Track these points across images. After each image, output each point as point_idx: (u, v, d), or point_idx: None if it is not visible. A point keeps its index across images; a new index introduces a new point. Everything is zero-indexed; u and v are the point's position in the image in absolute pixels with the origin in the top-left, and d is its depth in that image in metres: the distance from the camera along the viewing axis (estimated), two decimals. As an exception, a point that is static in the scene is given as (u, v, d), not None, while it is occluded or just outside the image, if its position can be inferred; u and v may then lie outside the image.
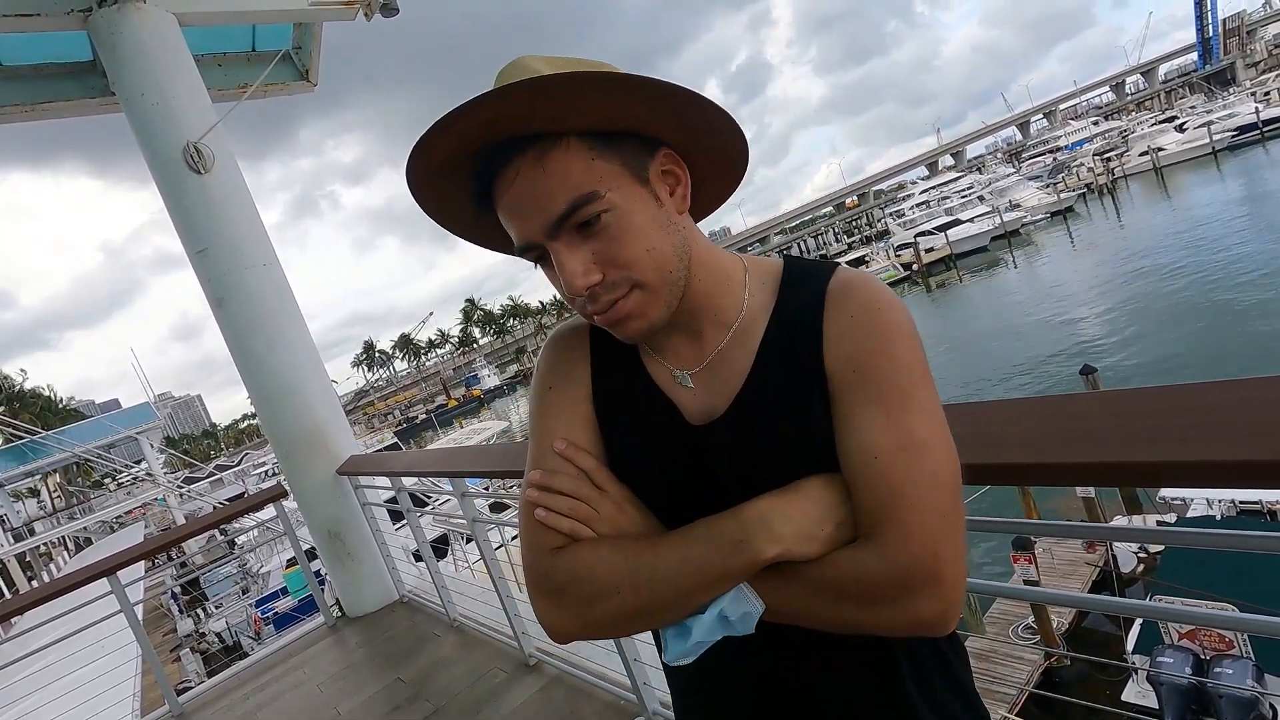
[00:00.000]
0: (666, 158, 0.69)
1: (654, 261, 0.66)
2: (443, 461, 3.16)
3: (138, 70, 3.35)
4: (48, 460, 21.87)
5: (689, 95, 0.64)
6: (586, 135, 0.64)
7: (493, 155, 0.65)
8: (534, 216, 0.64)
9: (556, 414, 0.79)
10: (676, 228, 0.69)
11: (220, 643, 15.34)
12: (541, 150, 0.63)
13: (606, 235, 0.65)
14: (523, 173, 0.63)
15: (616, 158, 0.65)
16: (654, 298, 0.68)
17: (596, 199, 0.63)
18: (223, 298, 3.51)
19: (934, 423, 0.65)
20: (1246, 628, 1.07)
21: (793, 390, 0.69)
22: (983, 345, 22.32)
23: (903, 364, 0.65)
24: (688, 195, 0.71)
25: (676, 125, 0.68)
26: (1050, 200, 43.16)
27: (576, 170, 0.63)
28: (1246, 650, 6.31)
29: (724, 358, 0.73)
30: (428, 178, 0.68)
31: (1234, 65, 75.59)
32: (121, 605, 3.42)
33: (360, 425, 69.74)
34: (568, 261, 0.65)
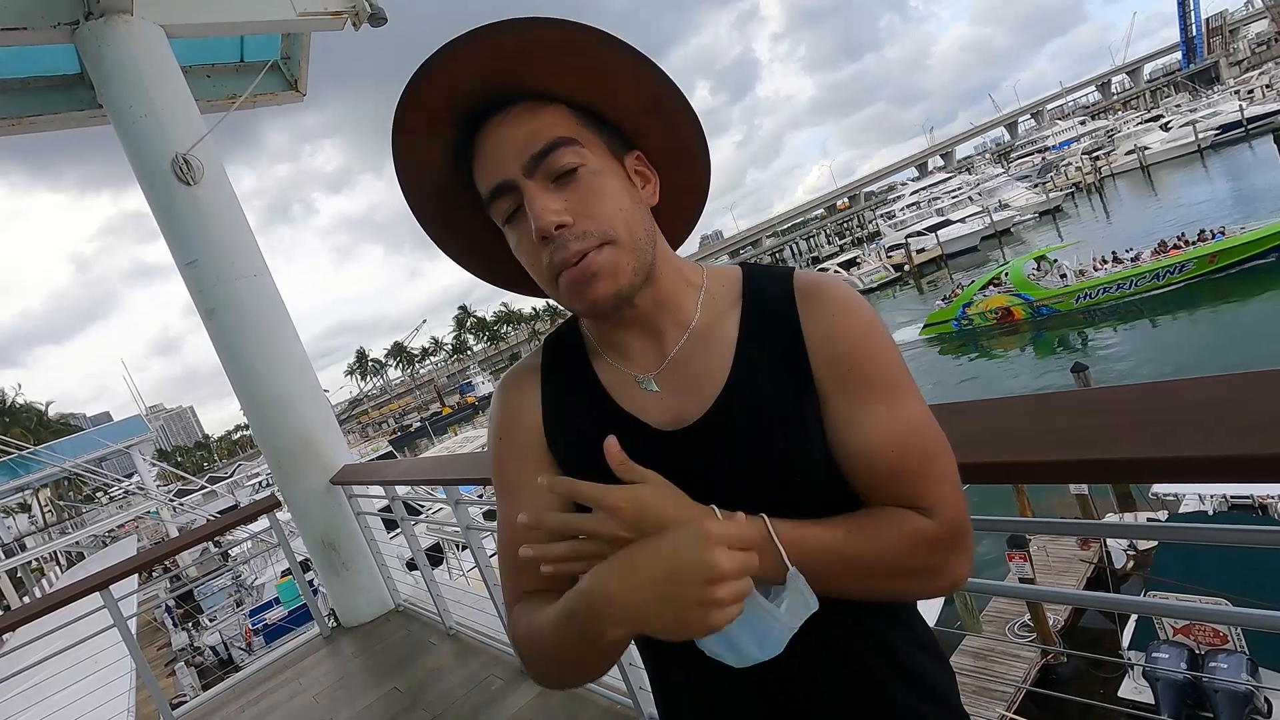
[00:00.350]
0: (639, 160, 0.73)
1: (625, 221, 0.67)
2: (437, 469, 3.15)
3: (125, 82, 3.34)
4: (39, 475, 21.68)
5: (677, 92, 0.69)
6: (575, 107, 0.67)
7: (480, 113, 0.67)
8: (516, 152, 0.65)
9: (508, 469, 0.79)
10: (646, 210, 0.71)
11: (215, 656, 15.22)
12: (533, 103, 0.66)
13: (581, 188, 0.66)
14: (515, 112, 0.66)
15: (599, 133, 0.69)
16: (624, 256, 0.67)
17: (576, 145, 0.66)
18: (213, 308, 3.49)
19: (923, 401, 0.70)
20: (1240, 622, 1.08)
21: (783, 392, 0.69)
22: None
23: (891, 359, 0.69)
24: (656, 193, 0.73)
25: (656, 122, 0.71)
26: (1039, 200, 43.41)
27: (565, 122, 0.66)
28: (1241, 644, 6.35)
29: (689, 358, 0.73)
30: (411, 132, 0.68)
31: (1218, 64, 76.34)
32: (114, 620, 3.40)
33: (355, 434, 69.48)
34: (539, 198, 0.65)
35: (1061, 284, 20.91)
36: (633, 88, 0.68)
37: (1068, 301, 20.62)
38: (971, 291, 22.92)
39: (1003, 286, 22.09)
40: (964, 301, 22.95)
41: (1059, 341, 19.95)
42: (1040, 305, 21.12)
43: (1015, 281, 21.52)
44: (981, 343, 22.23)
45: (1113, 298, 19.95)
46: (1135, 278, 19.57)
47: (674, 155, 0.74)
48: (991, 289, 22.45)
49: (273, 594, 15.02)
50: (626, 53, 0.65)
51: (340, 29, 3.98)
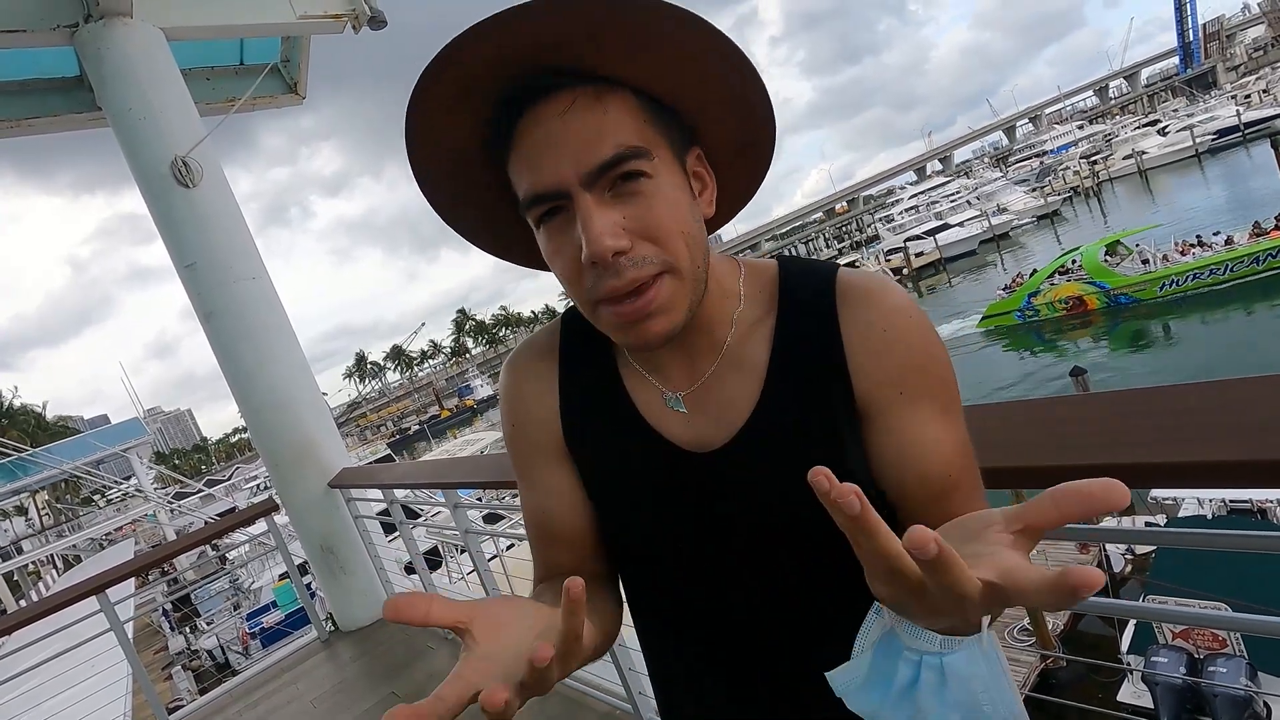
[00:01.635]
0: (698, 159, 0.64)
1: (687, 244, 0.59)
2: (435, 473, 3.14)
3: (124, 85, 3.34)
4: (36, 478, 21.63)
5: (760, 84, 0.60)
6: (641, 95, 0.58)
7: (526, 89, 0.56)
8: (574, 157, 0.55)
9: (523, 459, 0.76)
10: (702, 224, 0.63)
11: (212, 660, 15.17)
12: (599, 90, 0.56)
13: (643, 201, 0.57)
14: (578, 104, 0.55)
15: (664, 130, 0.59)
16: (683, 289, 0.60)
17: (645, 156, 0.56)
18: (212, 311, 3.49)
19: (962, 417, 0.65)
20: (1239, 627, 1.08)
21: (815, 419, 0.64)
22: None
23: (949, 374, 0.64)
24: (713, 202, 0.66)
25: (729, 114, 0.63)
26: (1037, 204, 43.50)
27: (632, 121, 0.57)
28: (1240, 649, 6.34)
29: (719, 380, 0.67)
30: (440, 107, 0.57)
31: (1215, 69, 76.69)
32: (111, 624, 3.38)
33: (353, 437, 69.40)
34: (597, 217, 0.55)
35: (1143, 270, 18.59)
36: (717, 80, 0.59)
37: (1150, 290, 18.36)
38: (1038, 280, 20.73)
39: (1073, 273, 19.93)
40: (1029, 290, 20.66)
41: (1137, 333, 17.96)
42: (1118, 294, 18.90)
43: (1090, 268, 19.32)
44: (1048, 335, 20.00)
45: (1204, 284, 17.76)
46: (1231, 262, 17.42)
47: (739, 153, 0.66)
48: (1058, 277, 20.26)
49: (270, 598, 14.97)
50: (716, 40, 0.56)
51: (340, 32, 3.99)
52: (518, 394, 0.76)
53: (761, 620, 0.69)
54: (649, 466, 0.69)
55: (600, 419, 0.72)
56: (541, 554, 0.77)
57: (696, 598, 0.72)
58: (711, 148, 0.65)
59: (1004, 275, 32.27)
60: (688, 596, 0.72)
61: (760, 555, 0.67)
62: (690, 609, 0.73)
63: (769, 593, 0.68)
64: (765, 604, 0.69)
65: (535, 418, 0.74)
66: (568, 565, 0.75)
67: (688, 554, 0.70)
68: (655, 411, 0.69)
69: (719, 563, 0.69)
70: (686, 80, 0.58)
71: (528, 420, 0.75)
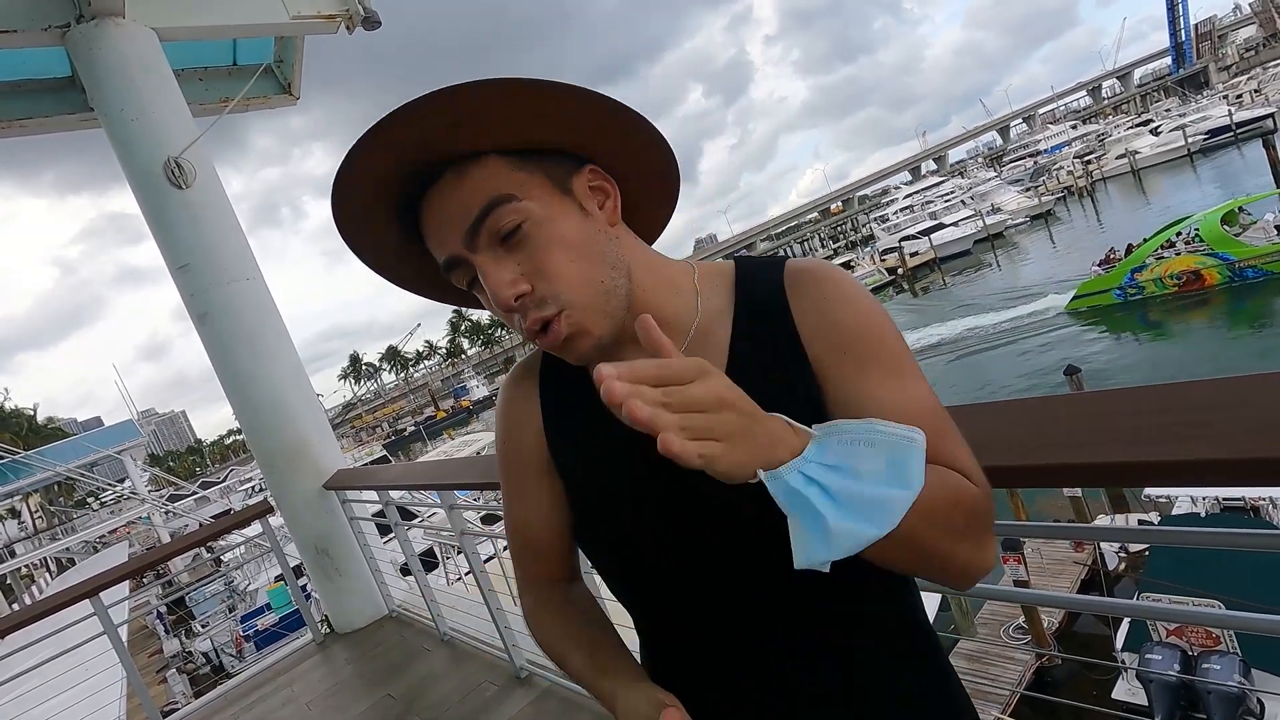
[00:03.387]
0: (593, 173, 0.68)
1: (580, 274, 0.64)
2: (431, 474, 3.14)
3: (117, 86, 3.32)
4: (29, 480, 21.54)
5: (613, 104, 0.64)
6: (507, 153, 0.63)
7: (415, 185, 0.64)
8: (453, 228, 0.63)
9: (511, 473, 0.83)
10: (607, 238, 0.67)
11: (207, 662, 15.11)
12: (459, 169, 0.63)
13: (530, 245, 0.63)
14: (442, 189, 0.63)
15: (539, 170, 0.65)
16: (589, 312, 0.65)
17: (512, 201, 0.62)
18: (205, 313, 3.47)
19: (928, 385, 0.67)
20: (1233, 624, 1.08)
21: (780, 389, 0.66)
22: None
23: (890, 338, 0.67)
24: (618, 209, 0.70)
25: (601, 138, 0.67)
26: (1031, 204, 43.65)
27: (494, 179, 0.63)
28: (1233, 646, 6.37)
29: None
30: (352, 218, 0.66)
31: (1207, 69, 77.03)
32: (104, 627, 3.37)
33: (348, 439, 69.18)
34: (492, 272, 0.63)
35: (1277, 239, 16.27)
36: (558, 121, 0.64)
37: None
38: (1144, 253, 18.31)
39: (1189, 245, 17.59)
40: (1133, 265, 18.33)
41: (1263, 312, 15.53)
42: (1244, 267, 16.47)
43: (1211, 238, 16.88)
44: (1153, 316, 17.65)
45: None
46: None
47: (631, 155, 0.70)
48: (1167, 250, 17.93)
49: (265, 600, 14.92)
50: (547, 89, 0.60)
51: (334, 32, 3.97)
52: (506, 411, 0.83)
53: (751, 609, 0.69)
54: (622, 458, 0.71)
55: (580, 426, 0.76)
56: (521, 563, 0.86)
57: (687, 593, 0.72)
58: (606, 159, 0.69)
59: (999, 275, 32.42)
60: (677, 595, 0.73)
61: (738, 539, 0.68)
62: (680, 605, 0.73)
63: (758, 582, 0.69)
64: (754, 593, 0.69)
65: (521, 436, 0.81)
66: (542, 573, 0.85)
67: (671, 547, 0.71)
68: None
69: (702, 554, 0.70)
70: (531, 132, 0.63)
71: (516, 440, 0.82)
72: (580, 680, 0.75)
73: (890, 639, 0.71)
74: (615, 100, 0.63)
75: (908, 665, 0.72)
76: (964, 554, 0.60)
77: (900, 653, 0.72)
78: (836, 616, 0.69)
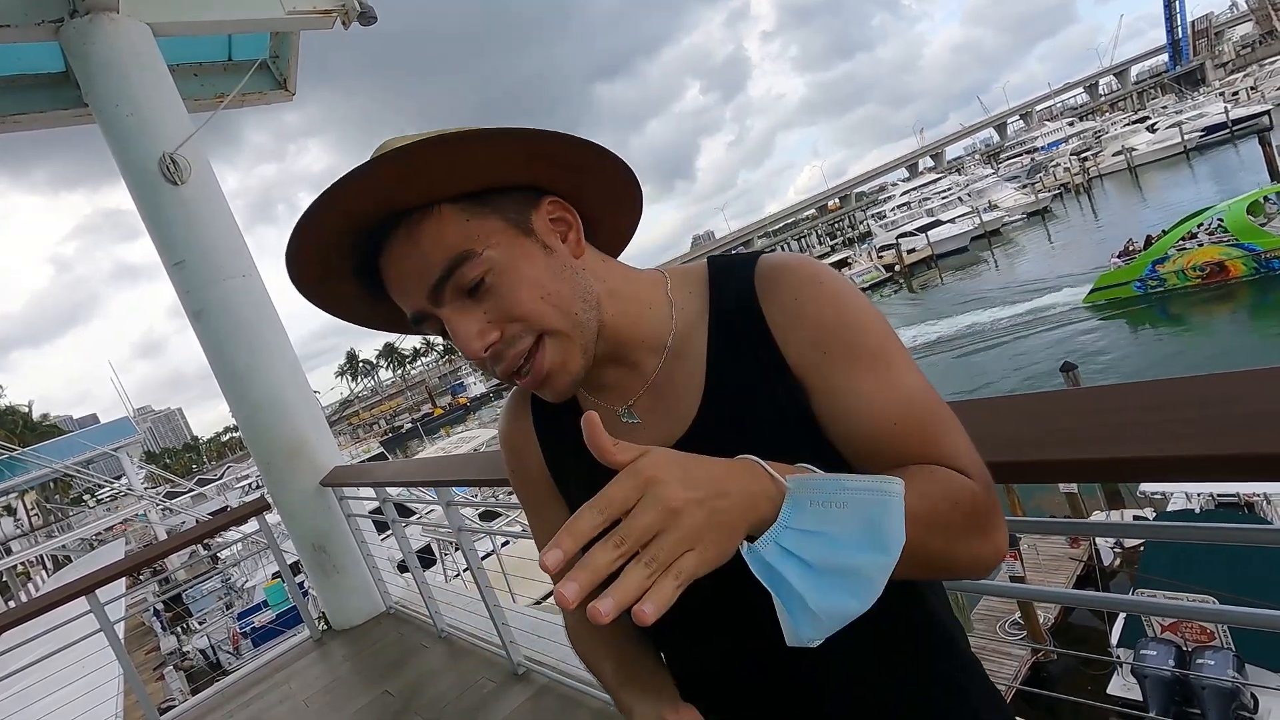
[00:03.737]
0: (552, 205, 0.67)
1: (553, 307, 0.63)
2: (428, 471, 3.13)
3: (111, 81, 3.30)
4: (24, 477, 21.47)
5: (556, 138, 0.62)
6: (459, 200, 0.62)
7: (370, 240, 0.63)
8: (415, 285, 0.62)
9: (525, 493, 0.85)
10: (574, 271, 0.66)
11: (205, 659, 15.10)
12: (411, 224, 0.61)
13: (496, 294, 0.62)
14: (395, 249, 0.62)
15: (494, 215, 0.63)
16: (568, 342, 0.64)
17: (473, 257, 0.61)
18: (201, 309, 3.46)
19: (918, 371, 0.65)
20: (1227, 619, 1.09)
21: (759, 394, 0.66)
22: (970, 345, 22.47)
23: (870, 325, 0.64)
24: (581, 239, 0.68)
25: (549, 172, 0.65)
26: (1028, 200, 43.71)
27: (450, 234, 0.61)
28: (1227, 641, 6.41)
29: (668, 377, 0.70)
30: (311, 278, 0.65)
31: (1203, 66, 77.14)
32: (101, 624, 3.36)
33: (345, 436, 69.13)
34: (459, 326, 0.62)
35: None
36: (503, 163, 0.62)
37: None
38: (1166, 244, 17.86)
39: (1212, 236, 17.20)
40: (1154, 257, 17.87)
41: None
42: (1271, 258, 16.11)
43: (1236, 228, 16.50)
44: (1173, 309, 17.23)
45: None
46: None
47: (586, 178, 0.68)
48: (1188, 242, 17.49)
49: (262, 597, 14.91)
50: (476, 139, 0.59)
51: (330, 27, 3.96)
52: (508, 444, 0.85)
53: (746, 617, 0.69)
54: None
55: (571, 452, 0.75)
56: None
57: (686, 619, 0.72)
58: (563, 192, 0.68)
59: (995, 272, 32.45)
60: (677, 623, 0.73)
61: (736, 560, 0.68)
62: (676, 612, 0.73)
63: (747, 586, 0.68)
64: (744, 597, 0.69)
65: (526, 462, 0.83)
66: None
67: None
68: (617, 429, 0.72)
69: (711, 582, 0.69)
70: (477, 178, 0.62)
71: (522, 467, 0.84)
72: (610, 691, 0.75)
73: (903, 643, 0.71)
74: (552, 132, 0.62)
75: (918, 666, 0.71)
76: (971, 550, 0.59)
77: (909, 654, 0.71)
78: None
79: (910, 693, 0.69)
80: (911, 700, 0.69)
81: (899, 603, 0.70)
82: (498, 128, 0.59)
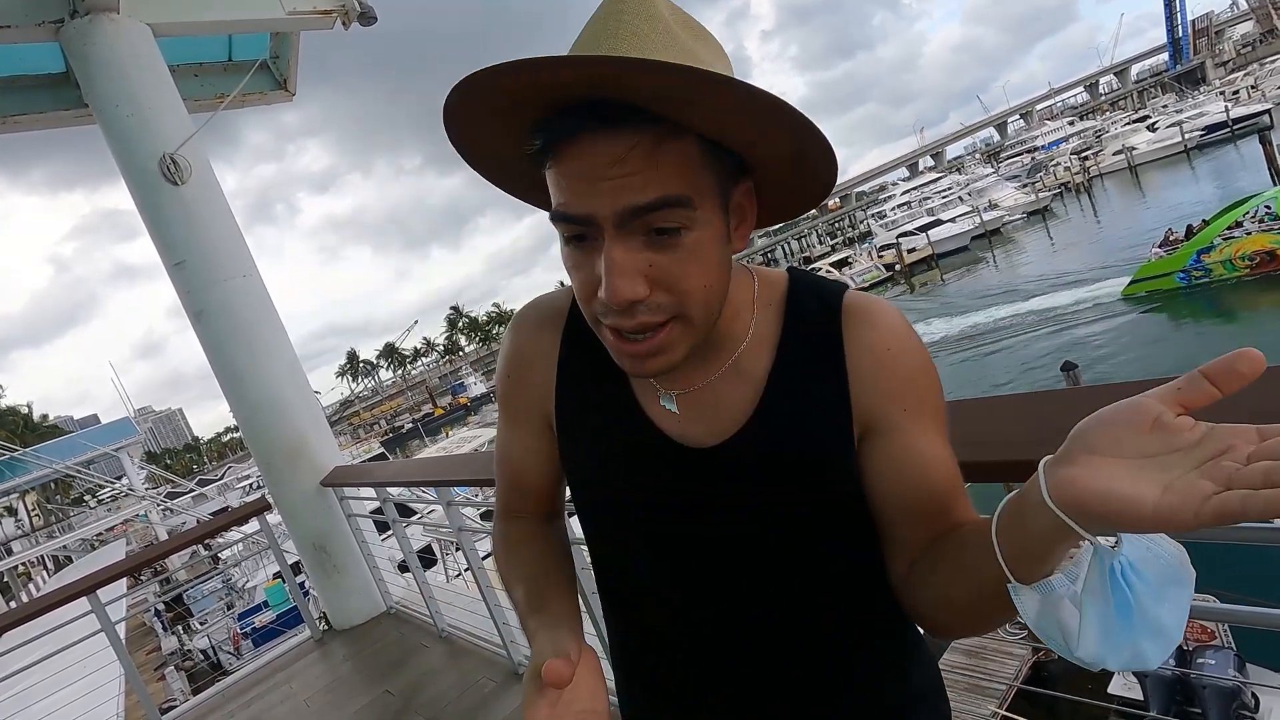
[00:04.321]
0: (745, 192, 0.62)
1: (704, 299, 0.59)
2: (429, 470, 3.14)
3: (112, 82, 3.31)
4: (25, 478, 21.49)
5: (818, 136, 0.56)
6: (706, 141, 0.56)
7: (585, 111, 0.53)
8: (613, 196, 0.54)
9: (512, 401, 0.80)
10: (729, 266, 0.63)
11: (206, 660, 15.11)
12: (661, 135, 0.53)
13: (675, 255, 0.56)
14: (636, 150, 0.53)
15: (715, 173, 0.57)
16: (689, 334, 0.60)
17: (686, 206, 0.55)
18: (202, 310, 3.47)
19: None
20: (1227, 618, 1.09)
21: (813, 430, 0.65)
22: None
23: (936, 385, 0.66)
24: (747, 235, 0.64)
25: (787, 166, 0.60)
26: (1028, 200, 43.69)
27: (685, 173, 0.55)
28: (1228, 640, 6.41)
29: (724, 382, 0.68)
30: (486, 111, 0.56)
31: (1204, 65, 77.10)
32: (102, 624, 3.37)
33: (346, 436, 69.14)
34: (621, 260, 0.55)
35: None
36: (781, 141, 0.57)
37: None
38: (1212, 233, 16.78)
39: (1261, 225, 16.16)
40: (1199, 246, 16.77)
41: None
42: None
43: None
44: (1221, 301, 16.18)
45: None
46: None
47: (784, 182, 0.63)
48: (1234, 230, 16.48)
49: (263, 597, 14.92)
50: (781, 106, 0.53)
51: (330, 28, 3.96)
52: (518, 353, 0.79)
53: (728, 623, 0.70)
54: (634, 449, 0.71)
55: (594, 402, 0.74)
56: (504, 493, 0.86)
57: (662, 589, 0.73)
58: (763, 184, 0.64)
59: (996, 272, 32.41)
60: (655, 589, 0.74)
61: (735, 549, 0.68)
62: (657, 599, 0.74)
63: (740, 589, 0.69)
64: (731, 608, 0.70)
65: (530, 381, 0.78)
66: (524, 509, 0.86)
67: (659, 545, 0.71)
68: (649, 404, 0.71)
69: (691, 555, 0.70)
70: (750, 142, 0.57)
71: (523, 381, 0.79)
72: (518, 614, 0.73)
73: (859, 627, 0.72)
74: (816, 127, 0.55)
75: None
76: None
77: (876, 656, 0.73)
78: (808, 634, 0.70)
79: (858, 676, 0.71)
80: (858, 684, 0.72)
81: (858, 587, 0.71)
82: (800, 113, 0.53)
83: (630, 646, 0.81)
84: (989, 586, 0.52)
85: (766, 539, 0.67)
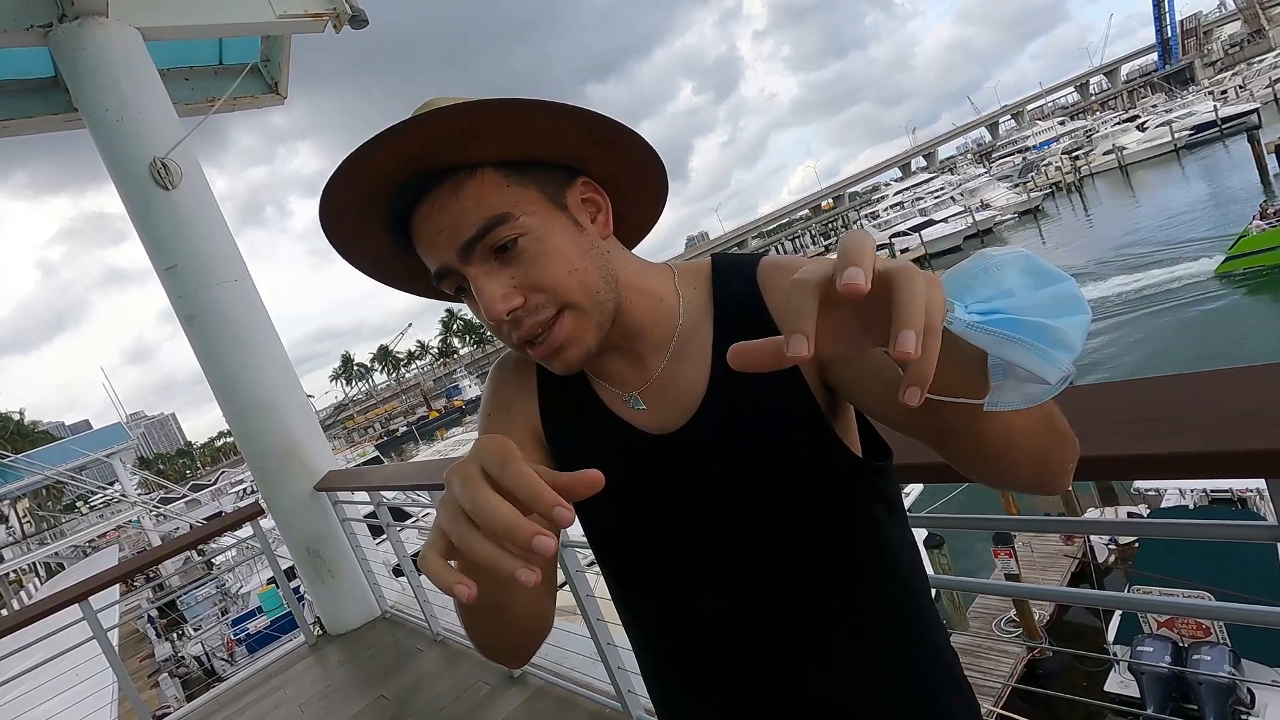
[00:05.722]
0: (585, 186, 0.69)
1: (579, 282, 0.65)
2: (423, 474, 3.13)
3: (101, 86, 3.29)
4: (17, 484, 21.35)
5: (606, 122, 0.64)
6: (501, 166, 0.63)
7: (408, 193, 0.63)
8: (447, 240, 0.63)
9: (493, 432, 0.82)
10: (600, 251, 0.68)
11: (200, 666, 15.02)
12: (457, 181, 0.62)
13: (525, 259, 0.63)
14: (438, 203, 0.62)
15: (533, 185, 0.65)
16: (586, 318, 0.66)
17: (509, 220, 0.62)
18: (193, 314, 3.45)
19: None
20: (1222, 615, 1.09)
21: (762, 392, 0.67)
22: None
23: None
24: (609, 221, 0.70)
25: (594, 153, 0.67)
26: (1020, 200, 43.89)
27: (491, 195, 0.62)
28: (1223, 637, 6.43)
29: (672, 371, 0.72)
30: (343, 219, 0.66)
31: (1192, 65, 77.72)
32: (94, 631, 3.34)
33: (340, 439, 68.92)
34: (485, 286, 0.63)
35: None
36: (556, 137, 0.64)
37: None
38: None
39: None
40: None
41: None
42: None
43: None
44: None
45: None
46: None
47: (621, 167, 0.71)
48: None
49: (257, 603, 14.85)
50: (541, 109, 0.61)
51: (321, 31, 3.95)
52: (500, 388, 0.83)
53: (733, 605, 0.71)
54: (615, 451, 0.73)
55: (573, 419, 0.78)
56: None
57: (670, 585, 0.74)
58: (599, 177, 0.70)
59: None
60: (661, 586, 0.75)
61: (724, 532, 0.70)
62: (665, 598, 0.75)
63: (738, 573, 0.70)
64: (734, 584, 0.70)
65: (514, 408, 0.81)
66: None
67: (656, 539, 0.73)
68: (622, 410, 0.75)
69: (686, 544, 0.72)
70: (529, 147, 0.64)
71: (507, 408, 0.82)
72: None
73: (881, 627, 0.72)
74: (606, 116, 0.64)
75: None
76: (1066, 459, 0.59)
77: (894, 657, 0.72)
78: (815, 606, 0.70)
79: (885, 678, 0.71)
80: (885, 685, 0.71)
81: (878, 583, 0.71)
82: (559, 102, 0.60)
83: (653, 636, 0.80)
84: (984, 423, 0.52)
85: (749, 508, 0.68)
